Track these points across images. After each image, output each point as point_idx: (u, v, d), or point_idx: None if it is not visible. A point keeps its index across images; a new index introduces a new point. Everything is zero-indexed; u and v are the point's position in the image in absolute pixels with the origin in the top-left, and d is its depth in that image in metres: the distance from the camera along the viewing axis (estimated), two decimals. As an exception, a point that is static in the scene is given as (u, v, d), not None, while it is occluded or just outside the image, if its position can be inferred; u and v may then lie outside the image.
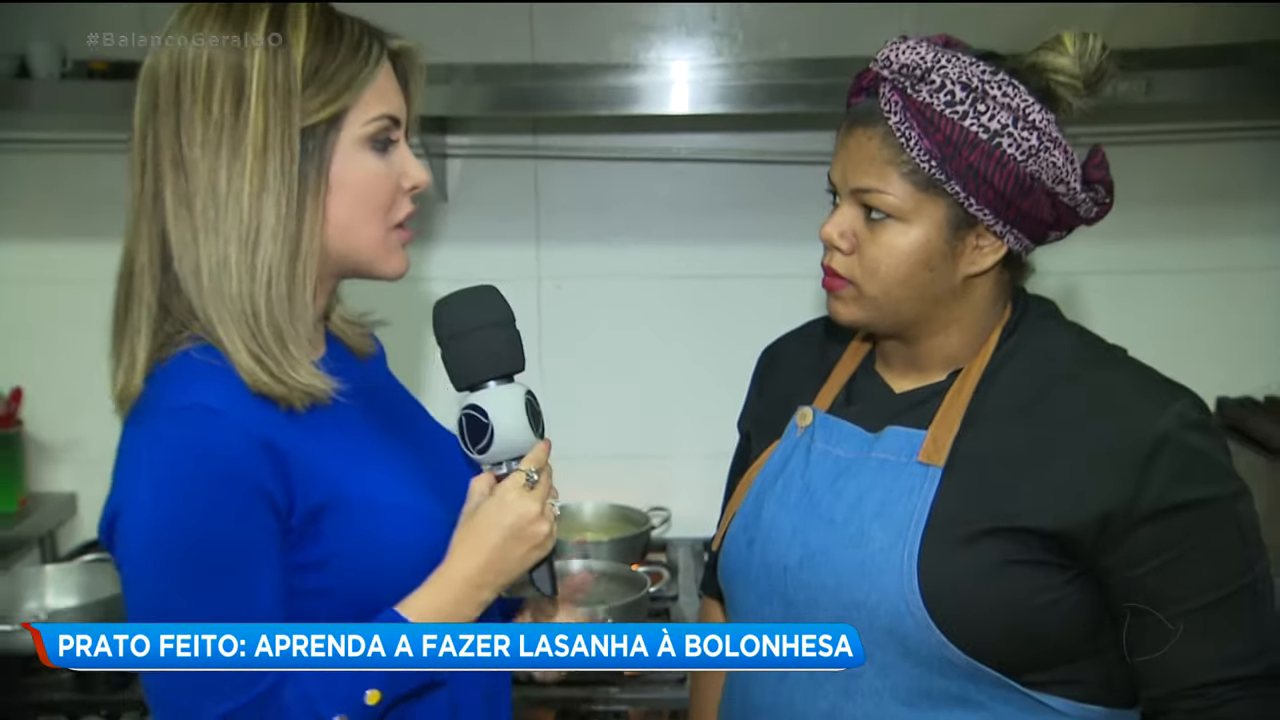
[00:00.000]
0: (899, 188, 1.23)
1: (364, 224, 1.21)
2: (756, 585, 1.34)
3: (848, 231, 1.26)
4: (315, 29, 1.15)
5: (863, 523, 1.26)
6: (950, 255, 1.25)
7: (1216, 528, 1.21)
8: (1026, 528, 1.21)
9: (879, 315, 1.28)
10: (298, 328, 1.17)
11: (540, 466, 1.21)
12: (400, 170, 1.22)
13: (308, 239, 1.16)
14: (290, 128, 1.14)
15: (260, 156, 1.13)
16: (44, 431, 2.58)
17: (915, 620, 1.21)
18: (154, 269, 1.17)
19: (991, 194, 1.22)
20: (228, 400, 1.12)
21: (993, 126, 1.20)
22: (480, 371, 1.22)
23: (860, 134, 1.25)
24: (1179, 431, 1.20)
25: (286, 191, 1.14)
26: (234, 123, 1.13)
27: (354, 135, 1.18)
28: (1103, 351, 1.30)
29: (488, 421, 1.20)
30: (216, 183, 1.13)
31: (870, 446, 1.30)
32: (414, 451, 1.29)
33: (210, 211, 1.14)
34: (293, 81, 1.14)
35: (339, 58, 1.16)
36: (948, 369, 1.31)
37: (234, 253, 1.14)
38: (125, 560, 1.12)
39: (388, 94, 1.20)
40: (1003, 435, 1.25)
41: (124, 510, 1.11)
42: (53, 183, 2.53)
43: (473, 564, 1.18)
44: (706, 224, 2.54)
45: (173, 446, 1.10)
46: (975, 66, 1.22)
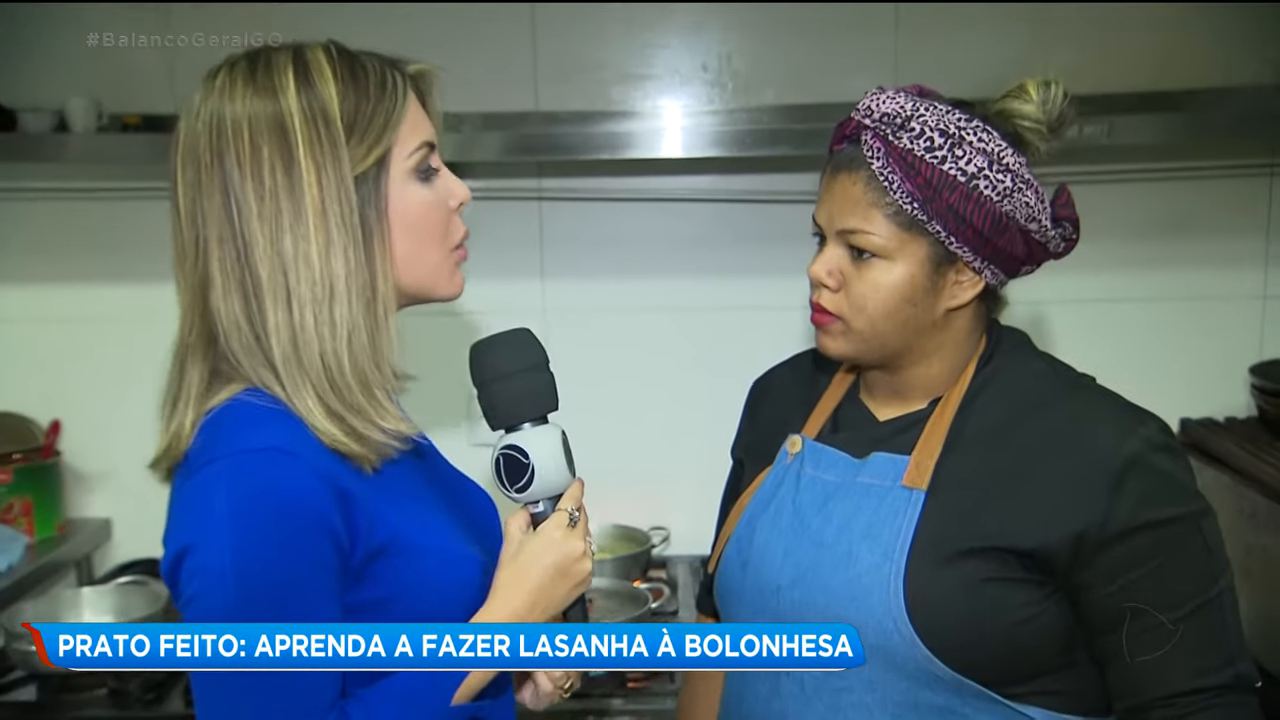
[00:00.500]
0: (883, 228, 1.24)
1: (427, 252, 1.17)
2: (750, 604, 1.34)
3: (835, 270, 1.27)
4: (341, 77, 1.12)
5: (851, 544, 1.26)
6: (932, 290, 1.26)
7: (1183, 545, 1.21)
8: (1005, 547, 1.21)
9: (865, 348, 1.28)
10: (384, 370, 1.14)
11: (578, 505, 1.20)
12: (446, 191, 1.19)
13: (382, 282, 1.13)
14: (344, 180, 1.10)
15: (321, 215, 1.09)
16: (80, 461, 2.58)
17: (902, 636, 1.21)
18: (204, 346, 1.13)
19: (970, 233, 1.22)
20: (299, 444, 1.08)
21: (970, 170, 1.22)
22: (520, 413, 1.19)
23: (845, 179, 1.26)
24: (1145, 454, 1.21)
25: (353, 242, 1.11)
26: (289, 188, 1.09)
27: (401, 171, 1.14)
28: (1073, 379, 1.31)
29: (528, 461, 1.17)
30: (282, 250, 1.09)
31: (857, 471, 1.30)
32: (448, 495, 1.26)
33: (279, 278, 1.09)
34: (336, 135, 1.10)
35: (371, 100, 1.12)
36: (928, 397, 1.32)
37: (310, 315, 1.09)
38: (198, 596, 1.06)
39: (419, 123, 1.17)
40: (981, 459, 1.26)
41: (197, 549, 1.05)
42: (88, 228, 2.53)
43: (519, 602, 1.15)
44: (699, 260, 2.55)
45: (251, 488, 1.05)
46: (951, 114, 1.24)
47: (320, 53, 1.13)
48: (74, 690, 2.06)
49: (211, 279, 1.10)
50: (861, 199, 1.24)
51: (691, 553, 2.49)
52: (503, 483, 1.19)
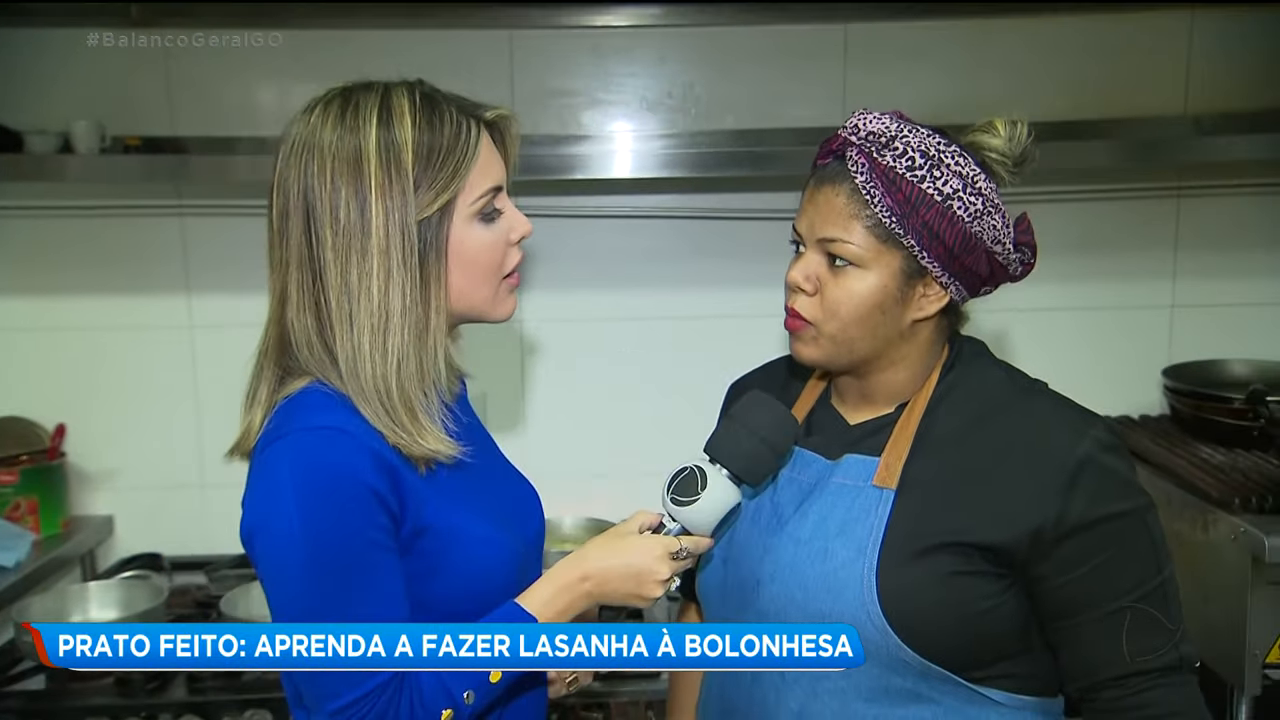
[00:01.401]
0: (861, 238, 1.20)
1: (480, 286, 1.19)
2: (731, 598, 1.29)
3: (812, 275, 1.23)
4: (419, 125, 1.13)
5: (826, 541, 1.22)
6: (901, 301, 1.22)
7: (1131, 538, 1.19)
8: (969, 543, 1.18)
9: (836, 352, 1.24)
10: (429, 393, 1.17)
11: (695, 553, 1.19)
12: (508, 228, 1.20)
13: (435, 315, 1.16)
14: (408, 224, 1.12)
15: (384, 254, 1.12)
16: (85, 461, 2.49)
17: (875, 626, 1.18)
18: (278, 352, 1.17)
19: (941, 249, 1.19)
20: (355, 426, 1.12)
21: (946, 190, 1.18)
22: (734, 462, 1.19)
23: (828, 190, 1.23)
24: (1096, 455, 1.19)
25: (409, 280, 1.13)
26: (360, 227, 1.12)
27: (464, 215, 1.16)
28: (1028, 385, 1.28)
29: (699, 493, 1.17)
30: (349, 280, 1.12)
31: (830, 473, 1.27)
32: (490, 484, 1.27)
33: (345, 305, 1.12)
34: (406, 183, 1.12)
35: (442, 151, 1.14)
36: (895, 402, 1.29)
37: (366, 341, 1.12)
38: (274, 563, 1.11)
39: (489, 169, 1.18)
40: (946, 460, 1.22)
41: (269, 520, 1.10)
42: (89, 243, 2.45)
43: (589, 566, 1.17)
44: (665, 272, 2.51)
45: (310, 460, 1.09)
46: (932, 138, 1.21)
47: (404, 98, 1.15)
48: (81, 679, 1.97)
49: (289, 295, 1.14)
50: (843, 210, 1.21)
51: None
52: (671, 483, 1.19)
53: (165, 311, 2.48)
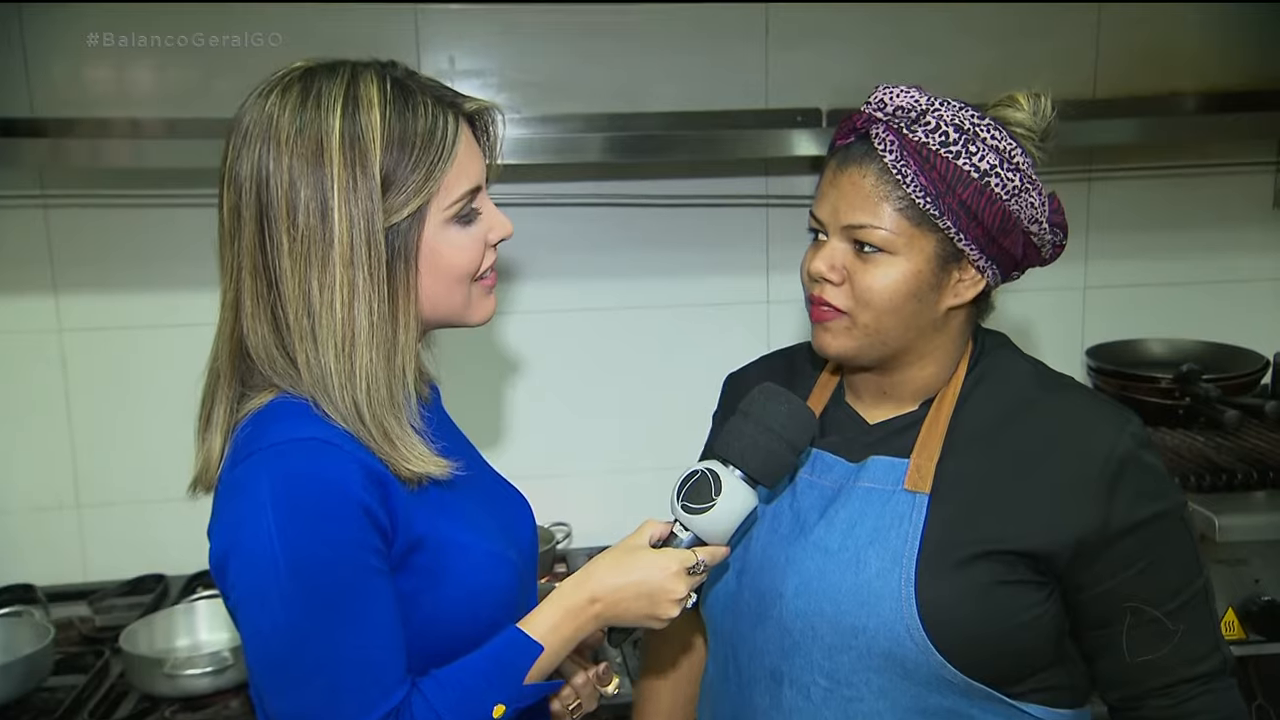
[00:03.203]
0: (892, 222, 1.10)
1: (453, 291, 1.06)
2: (747, 613, 1.18)
3: (838, 265, 1.12)
4: (389, 120, 0.99)
5: (858, 549, 1.12)
6: (936, 287, 1.13)
7: (1174, 537, 1.13)
8: (1012, 550, 1.10)
9: (867, 344, 1.14)
10: (401, 416, 1.04)
11: (712, 564, 1.08)
12: (486, 229, 1.07)
13: (403, 334, 1.02)
14: (374, 229, 0.99)
15: (348, 266, 0.99)
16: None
17: (914, 641, 1.08)
18: (233, 366, 1.05)
19: (979, 230, 1.10)
20: (339, 436, 1.00)
21: (983, 166, 1.09)
22: (749, 464, 1.07)
23: (853, 172, 1.12)
24: (1137, 451, 1.12)
25: (376, 294, 1.00)
26: (321, 234, 0.98)
27: (439, 220, 1.02)
28: (1056, 379, 1.21)
29: (714, 499, 1.05)
30: (309, 293, 0.99)
31: (855, 476, 1.16)
32: (479, 494, 1.14)
33: (305, 321, 1.00)
34: (373, 185, 0.99)
35: (416, 149, 1.00)
36: (918, 400, 1.19)
37: (332, 361, 1.00)
38: (252, 591, 0.97)
39: (468, 168, 1.03)
40: (979, 460, 1.14)
41: (246, 543, 0.97)
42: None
43: (599, 597, 1.06)
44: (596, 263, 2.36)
45: (292, 474, 0.97)
46: (965, 111, 1.11)
47: (374, 84, 1.01)
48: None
49: (243, 303, 1.02)
50: (871, 193, 1.10)
51: (592, 545, 2.30)
52: (680, 490, 1.09)
53: (29, 313, 2.20)
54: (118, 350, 2.22)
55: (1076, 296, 2.54)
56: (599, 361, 2.37)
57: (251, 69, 1.09)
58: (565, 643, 1.06)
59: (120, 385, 2.22)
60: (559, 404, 2.37)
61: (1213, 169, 2.52)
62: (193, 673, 1.68)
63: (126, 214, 2.18)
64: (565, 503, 2.36)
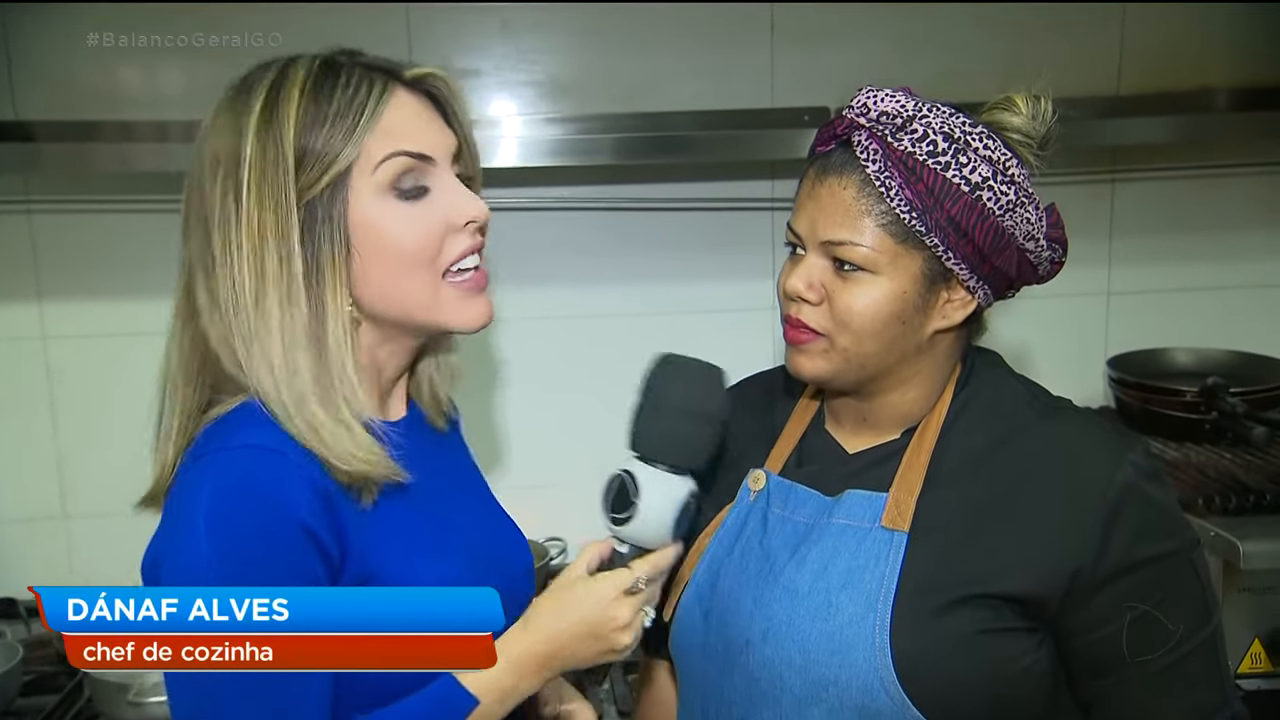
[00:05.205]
0: (875, 238, 1.00)
1: (405, 279, 0.95)
2: (715, 659, 1.09)
3: (816, 283, 1.03)
4: (306, 93, 0.93)
5: (829, 593, 1.02)
6: (923, 309, 1.03)
7: (1178, 581, 1.02)
8: (997, 594, 1.00)
9: (845, 368, 1.04)
10: (336, 411, 0.94)
11: (655, 574, 0.99)
12: (446, 208, 0.96)
13: (331, 322, 0.93)
14: (285, 211, 0.91)
15: (256, 252, 0.92)
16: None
17: (889, 696, 0.98)
18: (195, 370, 0.97)
19: (969, 248, 1.00)
20: (289, 446, 0.92)
21: (974, 179, 0.99)
22: (655, 452, 0.97)
23: (833, 183, 1.02)
24: (1136, 484, 1.01)
25: (289, 280, 0.92)
26: (237, 221, 0.92)
27: (368, 189, 0.93)
28: (1051, 402, 1.10)
29: (635, 501, 0.96)
30: (235, 284, 0.93)
31: (830, 511, 1.06)
32: (464, 530, 1.05)
33: (232, 314, 0.93)
34: (285, 163, 0.92)
35: (330, 118, 0.92)
36: (901, 427, 1.09)
37: (255, 355, 0.93)
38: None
39: (404, 131, 0.94)
40: (964, 494, 1.04)
41: (177, 554, 0.91)
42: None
43: (542, 646, 0.97)
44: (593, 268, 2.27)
45: (234, 484, 0.90)
46: (955, 117, 1.01)
47: (301, 69, 0.95)
48: None
49: (199, 303, 0.96)
50: (851, 206, 1.00)
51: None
52: (605, 501, 1.00)
53: (13, 320, 2.14)
54: (104, 358, 2.16)
55: (1099, 303, 2.41)
56: (595, 369, 2.28)
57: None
58: (508, 694, 0.97)
59: (106, 393, 2.15)
60: (554, 413, 2.28)
61: (1244, 169, 2.39)
62: (157, 700, 1.61)
63: (113, 219, 2.12)
64: (561, 517, 2.27)
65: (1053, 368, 2.33)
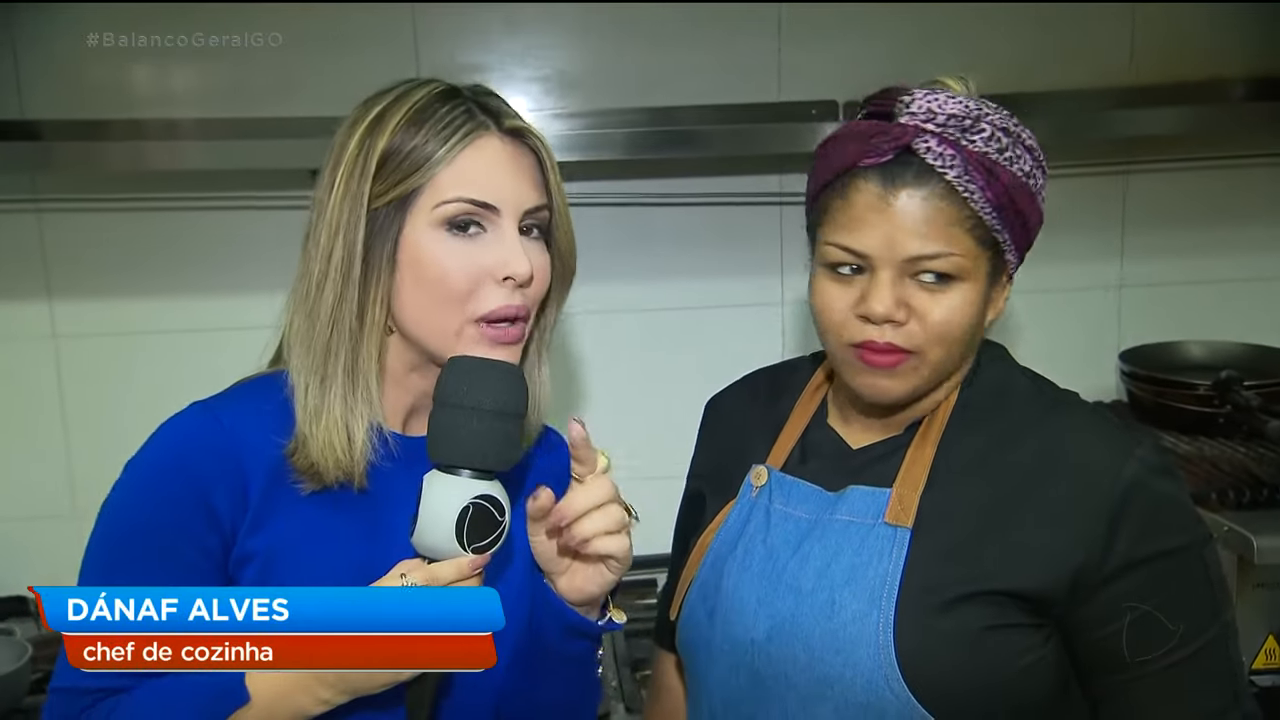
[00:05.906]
0: (964, 246, 0.98)
1: (435, 311, 0.98)
2: (721, 658, 1.07)
3: (904, 303, 0.99)
4: (411, 113, 0.99)
5: (832, 590, 1.01)
6: (987, 304, 1.03)
7: (1186, 578, 1.01)
8: (1001, 590, 0.98)
9: (930, 381, 1.03)
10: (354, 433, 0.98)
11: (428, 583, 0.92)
12: (490, 257, 0.98)
13: (369, 332, 0.99)
14: (358, 209, 0.98)
15: (332, 238, 0.98)
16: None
17: (894, 693, 0.97)
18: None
19: (1026, 239, 1.01)
20: (238, 413, 0.99)
21: (1026, 169, 1.00)
22: (441, 452, 0.92)
23: (912, 195, 0.98)
24: (1146, 479, 1.00)
25: (345, 277, 0.98)
26: (326, 205, 0.99)
27: (426, 216, 0.97)
28: (1057, 395, 1.09)
29: (415, 508, 0.92)
30: (311, 267, 1.00)
31: (832, 507, 1.05)
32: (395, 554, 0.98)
33: (302, 294, 1.01)
34: (368, 167, 0.98)
35: (419, 139, 0.98)
36: (905, 422, 1.08)
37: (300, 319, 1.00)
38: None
39: (475, 177, 0.98)
40: (969, 490, 1.02)
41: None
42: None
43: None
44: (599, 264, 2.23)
45: (159, 437, 0.99)
46: (1000, 111, 1.01)
47: (423, 91, 1.01)
48: None
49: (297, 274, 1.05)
50: (936, 216, 0.97)
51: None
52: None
53: (23, 319, 2.14)
54: (113, 356, 2.17)
55: (1111, 296, 2.39)
56: (599, 365, 2.27)
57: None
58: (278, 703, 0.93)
59: (116, 392, 2.16)
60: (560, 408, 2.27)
61: (1258, 160, 2.35)
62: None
63: (122, 218, 2.12)
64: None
65: (1065, 361, 2.29)
